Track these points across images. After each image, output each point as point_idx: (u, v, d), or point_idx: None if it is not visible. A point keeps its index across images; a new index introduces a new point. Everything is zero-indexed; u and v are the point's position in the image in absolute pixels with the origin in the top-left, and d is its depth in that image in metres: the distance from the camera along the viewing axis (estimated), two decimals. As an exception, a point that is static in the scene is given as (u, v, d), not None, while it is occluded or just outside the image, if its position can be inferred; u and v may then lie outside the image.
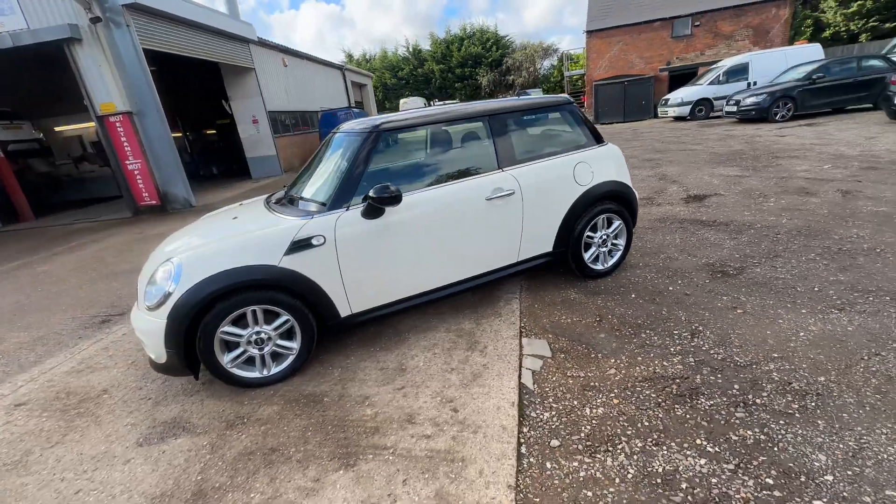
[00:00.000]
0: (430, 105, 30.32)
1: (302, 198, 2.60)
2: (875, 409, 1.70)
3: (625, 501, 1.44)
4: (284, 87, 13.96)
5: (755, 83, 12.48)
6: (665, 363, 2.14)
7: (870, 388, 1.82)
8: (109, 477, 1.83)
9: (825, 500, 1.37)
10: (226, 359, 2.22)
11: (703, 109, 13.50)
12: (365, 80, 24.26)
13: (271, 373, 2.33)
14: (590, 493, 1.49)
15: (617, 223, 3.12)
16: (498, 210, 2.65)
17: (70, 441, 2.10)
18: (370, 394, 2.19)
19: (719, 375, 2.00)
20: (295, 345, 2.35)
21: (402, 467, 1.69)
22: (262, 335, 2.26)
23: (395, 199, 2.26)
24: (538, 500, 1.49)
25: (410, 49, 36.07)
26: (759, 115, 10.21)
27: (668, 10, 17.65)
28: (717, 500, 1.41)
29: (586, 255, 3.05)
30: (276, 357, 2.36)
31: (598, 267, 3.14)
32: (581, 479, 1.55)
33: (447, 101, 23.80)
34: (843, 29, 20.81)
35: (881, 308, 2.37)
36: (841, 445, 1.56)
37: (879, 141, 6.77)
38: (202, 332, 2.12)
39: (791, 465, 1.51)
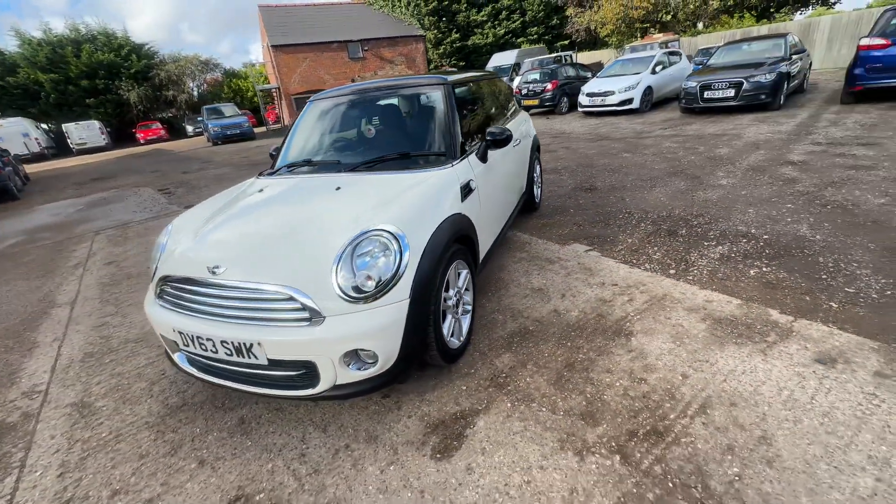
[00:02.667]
0: (37, 127, 22.05)
1: (392, 158, 2.34)
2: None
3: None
4: None
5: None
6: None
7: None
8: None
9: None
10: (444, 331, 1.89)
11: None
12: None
13: (463, 335, 2.11)
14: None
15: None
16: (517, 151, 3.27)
17: None
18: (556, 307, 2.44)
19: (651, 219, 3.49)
20: (470, 298, 2.20)
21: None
22: (459, 295, 2.04)
23: (509, 139, 2.48)
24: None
25: (-26, 48, 24.34)
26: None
27: (341, 34, 20.10)
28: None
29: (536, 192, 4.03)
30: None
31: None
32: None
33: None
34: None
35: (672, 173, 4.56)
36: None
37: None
38: (435, 306, 1.76)
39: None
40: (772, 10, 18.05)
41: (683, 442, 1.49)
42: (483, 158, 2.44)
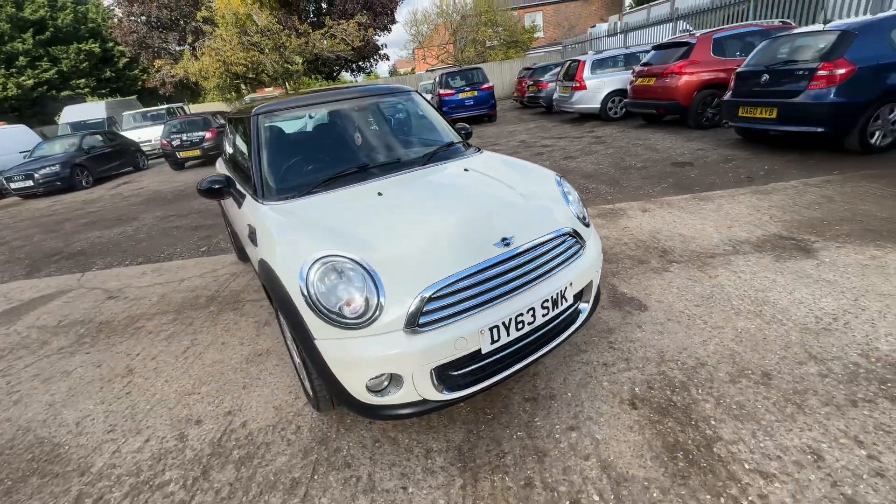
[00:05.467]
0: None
1: (440, 149, 2.65)
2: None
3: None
4: None
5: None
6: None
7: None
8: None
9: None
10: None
11: None
12: None
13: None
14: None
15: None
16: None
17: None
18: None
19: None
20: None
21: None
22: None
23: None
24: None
25: None
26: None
27: None
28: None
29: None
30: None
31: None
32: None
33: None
34: None
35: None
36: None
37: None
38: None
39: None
40: (335, 74, 24.12)
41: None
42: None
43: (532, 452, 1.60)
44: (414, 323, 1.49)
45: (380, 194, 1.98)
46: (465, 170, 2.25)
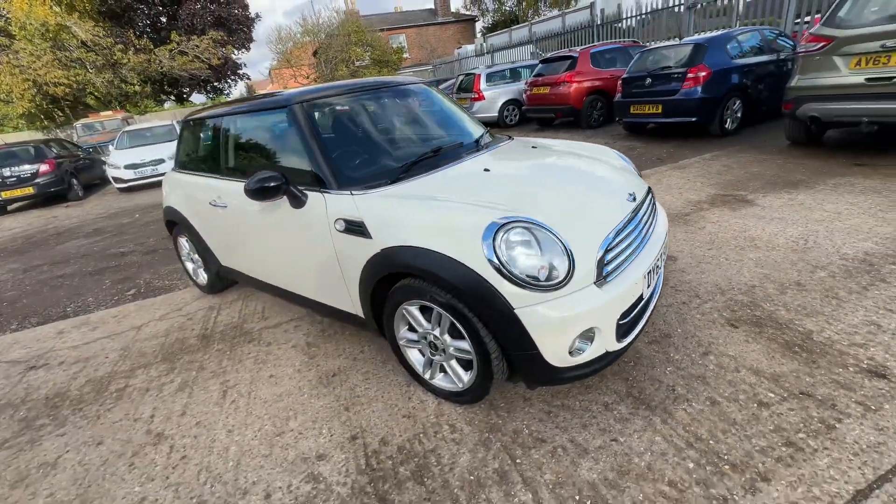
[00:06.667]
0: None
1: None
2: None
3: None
4: None
5: None
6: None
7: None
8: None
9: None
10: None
11: None
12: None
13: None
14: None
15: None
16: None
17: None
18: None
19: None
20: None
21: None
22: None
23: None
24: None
25: None
26: None
27: None
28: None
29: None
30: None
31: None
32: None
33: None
34: None
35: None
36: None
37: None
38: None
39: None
40: (186, 95, 21.29)
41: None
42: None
43: (693, 379, 1.77)
44: (601, 276, 1.54)
45: (486, 170, 1.96)
46: (534, 147, 2.35)
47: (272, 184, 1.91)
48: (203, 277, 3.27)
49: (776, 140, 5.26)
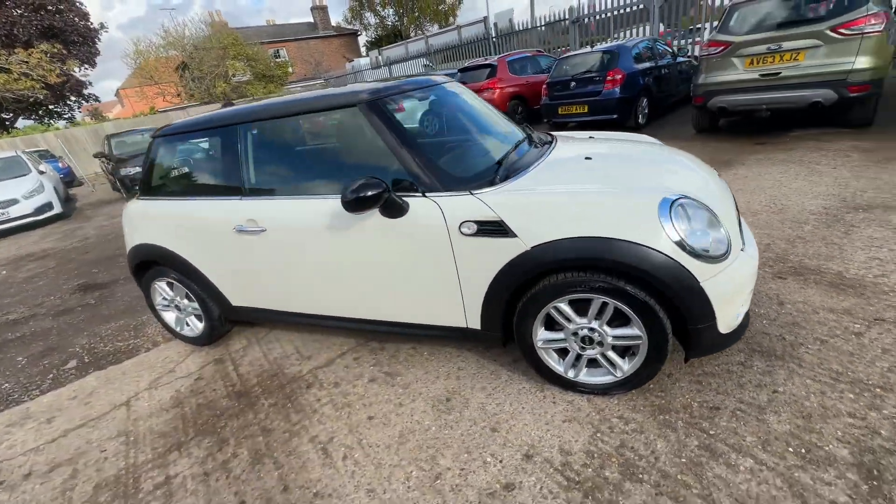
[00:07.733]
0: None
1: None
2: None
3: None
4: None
5: None
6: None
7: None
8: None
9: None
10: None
11: None
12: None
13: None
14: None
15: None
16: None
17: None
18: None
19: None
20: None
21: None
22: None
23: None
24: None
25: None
26: None
27: None
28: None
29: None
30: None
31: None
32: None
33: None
34: None
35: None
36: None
37: None
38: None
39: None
40: (9, 123, 16.87)
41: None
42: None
43: (790, 326, 1.99)
44: (741, 243, 1.66)
45: (588, 158, 1.96)
46: (591, 137, 2.43)
47: (370, 192, 1.65)
48: (195, 327, 2.66)
49: (682, 130, 6.23)
